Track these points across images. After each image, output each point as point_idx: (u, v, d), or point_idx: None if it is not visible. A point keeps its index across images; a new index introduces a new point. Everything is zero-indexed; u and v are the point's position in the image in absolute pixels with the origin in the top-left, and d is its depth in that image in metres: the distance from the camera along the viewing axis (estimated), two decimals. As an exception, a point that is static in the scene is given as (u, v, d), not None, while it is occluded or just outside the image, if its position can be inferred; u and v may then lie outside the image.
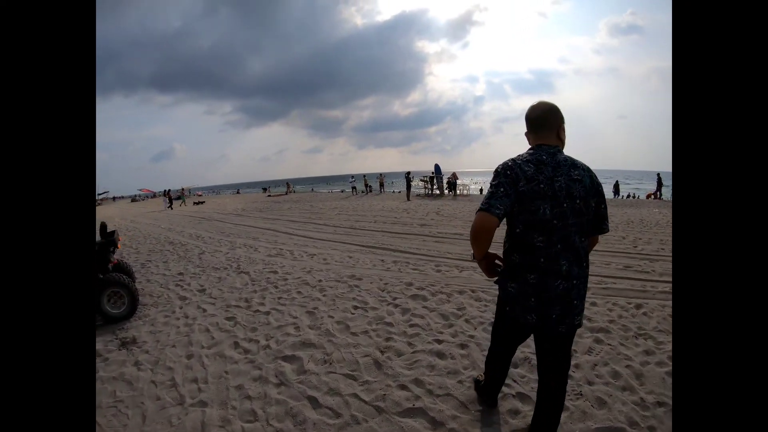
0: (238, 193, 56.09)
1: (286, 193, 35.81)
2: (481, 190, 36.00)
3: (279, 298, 4.74)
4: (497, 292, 1.98)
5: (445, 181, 24.80)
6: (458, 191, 24.45)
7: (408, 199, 20.62)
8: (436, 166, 25.18)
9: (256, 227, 11.74)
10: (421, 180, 25.75)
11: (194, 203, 29.52)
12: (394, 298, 4.44)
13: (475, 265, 5.34)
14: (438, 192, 24.38)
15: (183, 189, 33.27)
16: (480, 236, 1.60)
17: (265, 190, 47.76)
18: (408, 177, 22.10)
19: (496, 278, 1.86)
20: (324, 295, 4.70)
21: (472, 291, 4.58)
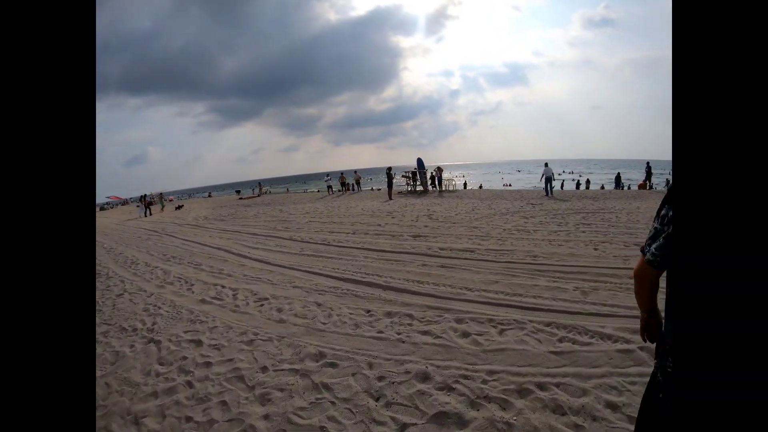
0: (209, 196, 53.02)
1: (258, 195, 33.59)
2: (465, 184, 34.27)
3: (186, 418, 2.51)
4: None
5: (428, 175, 22.76)
6: (443, 186, 22.49)
7: (390, 198, 18.46)
8: (419, 160, 23.08)
9: (206, 245, 9.34)
10: (403, 176, 23.60)
11: (176, 207, 27.39)
12: (402, 427, 2.26)
13: (538, 318, 3.26)
14: (421, 188, 22.33)
15: (161, 194, 30.94)
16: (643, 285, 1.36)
17: (238, 192, 45.29)
18: (389, 173, 19.88)
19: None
20: (265, 416, 2.48)
21: (541, 385, 2.46)
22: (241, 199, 31.42)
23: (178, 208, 27.08)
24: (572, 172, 61.63)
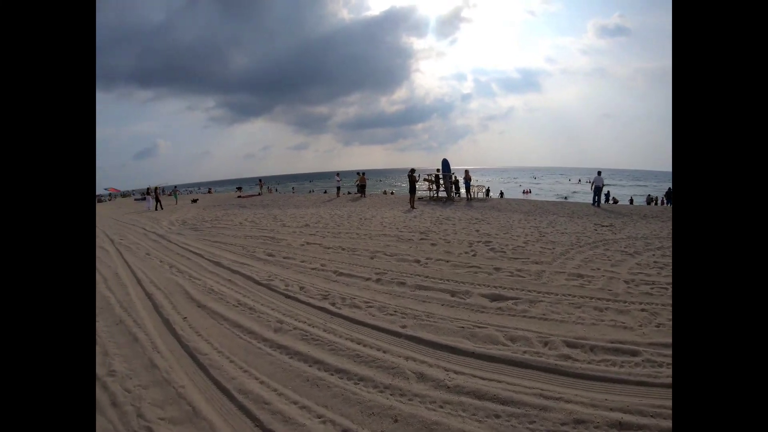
0: (210, 192, 49.82)
1: (258, 194, 30.06)
2: (487, 191, 30.49)
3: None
4: None
5: (453, 179, 19.01)
6: (472, 194, 18.75)
7: (412, 207, 14.76)
8: (445, 162, 19.32)
9: (122, 301, 5.69)
10: (425, 179, 19.81)
11: (192, 201, 27.28)
12: None
13: None
14: (445, 195, 18.59)
15: (175, 187, 33.28)
16: None
17: (239, 188, 42.16)
18: (412, 176, 16.09)
19: None
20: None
21: None
22: (239, 197, 28.28)
23: (194, 201, 26.91)
24: (588, 181, 57.42)
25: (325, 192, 32.24)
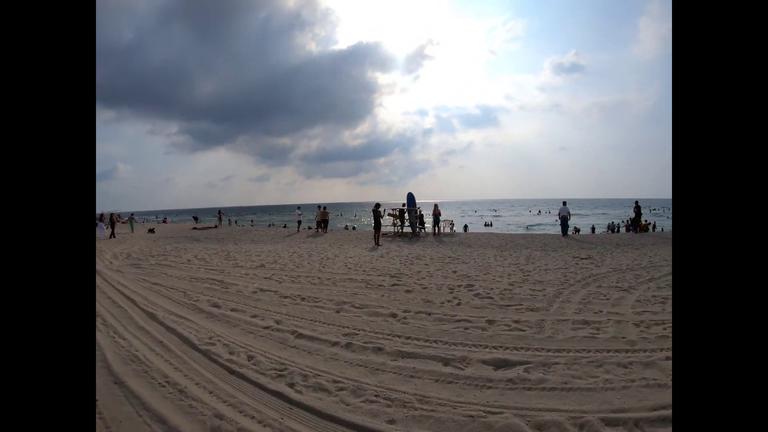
0: (164, 222, 46.58)
1: (215, 226, 27.96)
2: (452, 225, 30.19)
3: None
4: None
5: (418, 214, 18.36)
6: (440, 229, 18.18)
7: (377, 244, 13.85)
8: (410, 196, 18.78)
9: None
10: (390, 214, 19.04)
11: (148, 230, 25.19)
12: None
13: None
14: (410, 230, 17.87)
15: (132, 215, 31.30)
16: None
17: (195, 219, 39.48)
18: (377, 211, 15.26)
19: None
20: None
21: None
22: (194, 228, 26.42)
23: (151, 231, 24.88)
24: (549, 212, 59.41)
25: (285, 226, 30.70)
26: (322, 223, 20.73)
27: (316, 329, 4.59)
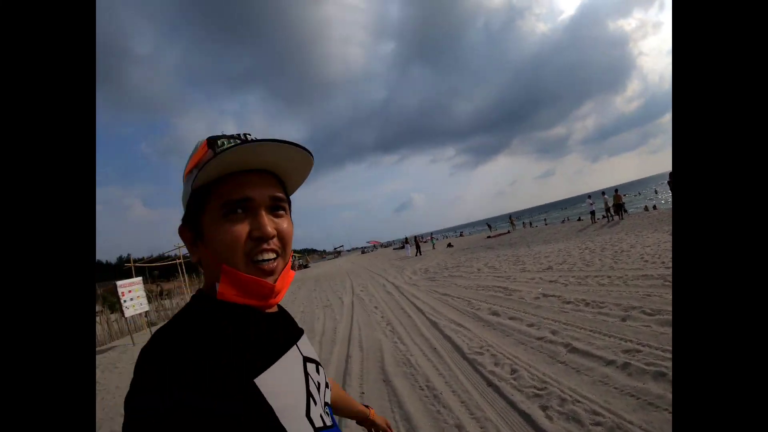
0: (461, 235, 50.58)
1: (507, 232, 29.33)
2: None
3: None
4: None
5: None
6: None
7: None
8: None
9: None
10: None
11: (447, 245, 27.67)
12: None
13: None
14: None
15: (431, 234, 35.02)
16: None
17: (489, 227, 43.21)
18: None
19: None
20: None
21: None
22: (488, 237, 27.87)
23: (449, 245, 26.96)
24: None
25: (579, 219, 28.42)
26: (617, 208, 17.71)
27: (593, 342, 3.92)
